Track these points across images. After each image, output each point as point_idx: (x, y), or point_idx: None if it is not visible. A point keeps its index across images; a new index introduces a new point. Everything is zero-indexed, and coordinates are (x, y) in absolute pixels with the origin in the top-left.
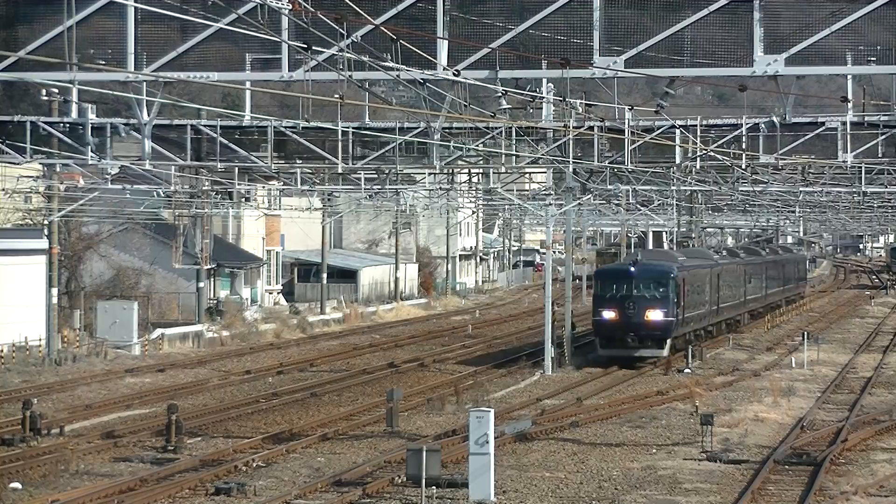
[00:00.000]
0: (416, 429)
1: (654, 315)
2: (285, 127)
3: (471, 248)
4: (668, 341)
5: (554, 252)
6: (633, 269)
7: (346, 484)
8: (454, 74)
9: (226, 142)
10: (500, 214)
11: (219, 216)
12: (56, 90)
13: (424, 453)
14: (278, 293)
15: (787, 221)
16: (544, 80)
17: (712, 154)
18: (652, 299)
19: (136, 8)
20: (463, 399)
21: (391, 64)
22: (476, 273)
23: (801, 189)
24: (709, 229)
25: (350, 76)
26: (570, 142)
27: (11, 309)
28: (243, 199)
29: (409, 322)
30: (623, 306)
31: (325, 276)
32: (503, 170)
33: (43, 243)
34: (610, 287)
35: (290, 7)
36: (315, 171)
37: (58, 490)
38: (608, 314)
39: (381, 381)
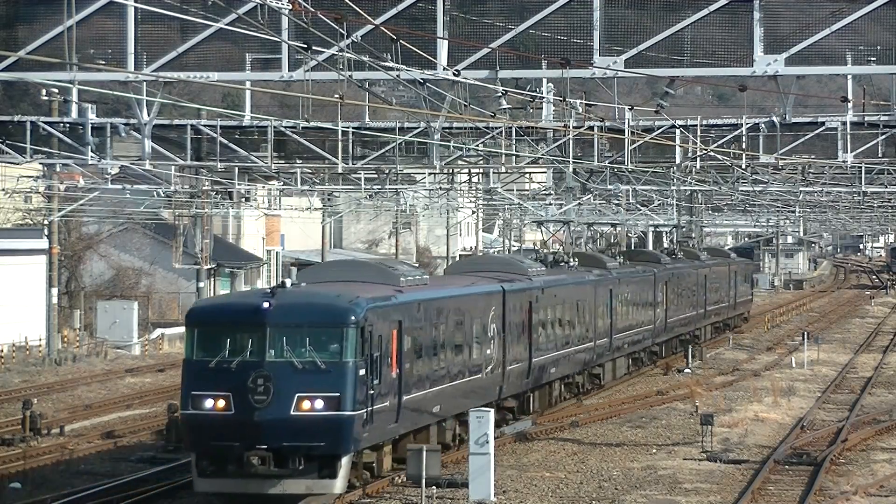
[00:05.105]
0: None
1: (312, 403)
2: (285, 127)
3: (471, 248)
4: (345, 460)
5: None
6: (267, 304)
7: None
8: (454, 74)
9: (226, 142)
10: (499, 214)
11: (219, 216)
12: (56, 90)
13: (424, 453)
14: None
15: (787, 221)
16: (544, 80)
17: (712, 154)
18: (309, 371)
19: (136, 8)
20: None
21: (391, 64)
22: None
23: (801, 189)
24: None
25: (350, 76)
26: (570, 142)
27: (11, 309)
28: (243, 199)
29: None
30: (242, 387)
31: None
32: (503, 170)
33: (43, 243)
34: (217, 344)
35: (290, 7)
36: (315, 171)
37: (58, 490)
38: (210, 403)
39: None
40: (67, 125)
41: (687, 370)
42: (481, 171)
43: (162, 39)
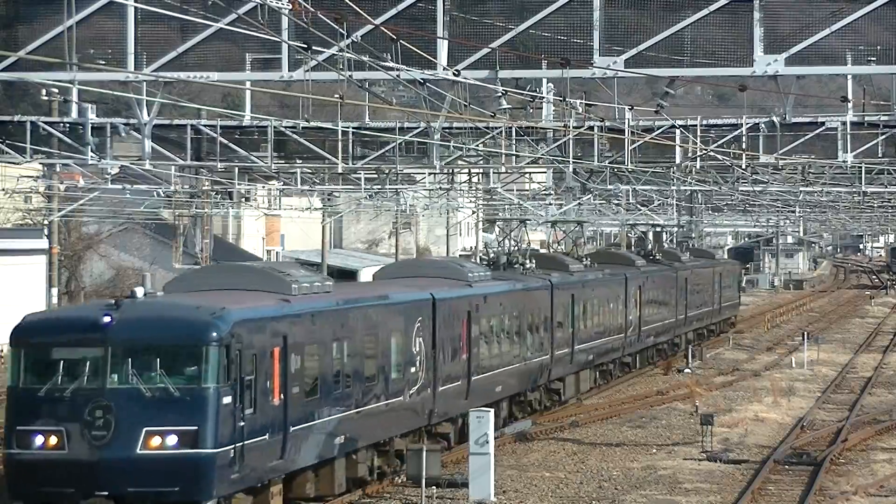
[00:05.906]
0: None
1: (163, 440)
2: (285, 127)
3: (471, 248)
4: None
5: None
6: (109, 319)
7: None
8: (454, 74)
9: (226, 142)
10: (500, 214)
11: (219, 216)
12: (56, 90)
13: (424, 453)
14: None
15: (787, 221)
16: (544, 80)
17: (712, 154)
18: (159, 400)
19: (136, 8)
20: None
21: (391, 64)
22: None
23: (801, 189)
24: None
25: (350, 76)
26: (570, 142)
27: (11, 309)
28: (243, 199)
29: None
30: (78, 421)
31: (325, 276)
32: (503, 170)
33: (43, 243)
34: (48, 368)
35: (290, 7)
36: (315, 171)
37: None
38: (40, 440)
39: None
40: (67, 125)
41: (687, 370)
42: (481, 171)
43: (162, 39)
